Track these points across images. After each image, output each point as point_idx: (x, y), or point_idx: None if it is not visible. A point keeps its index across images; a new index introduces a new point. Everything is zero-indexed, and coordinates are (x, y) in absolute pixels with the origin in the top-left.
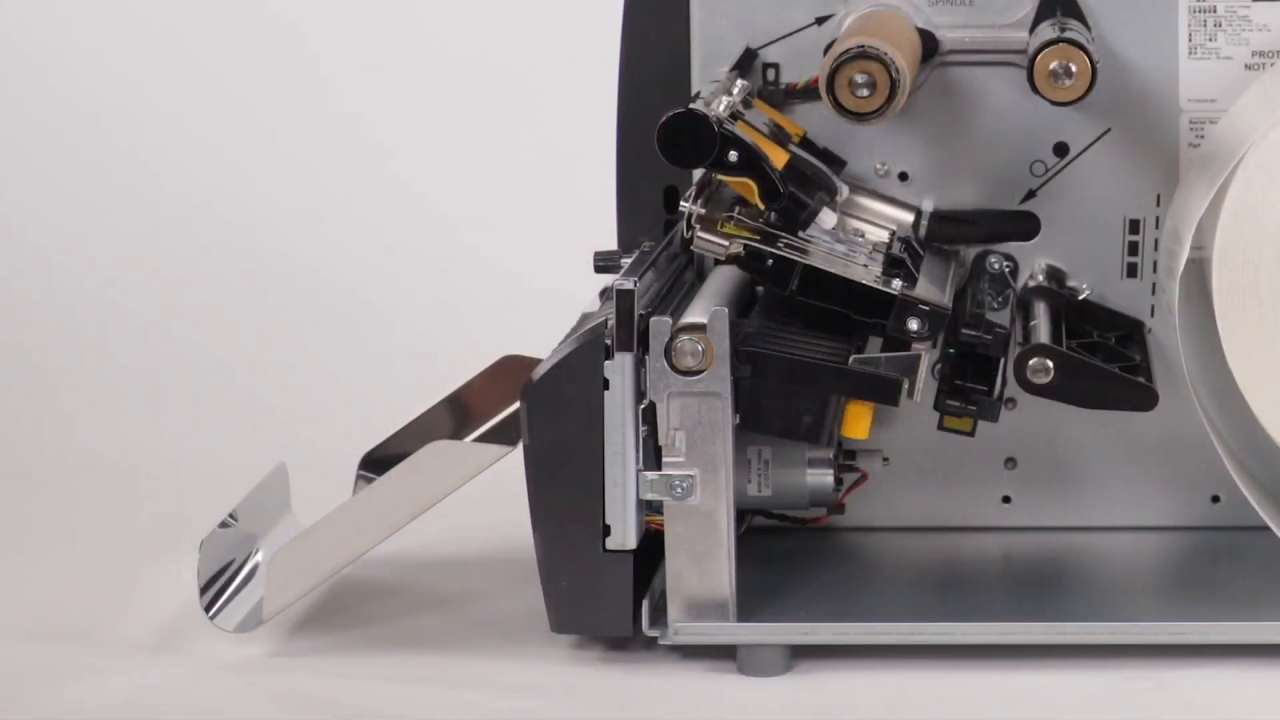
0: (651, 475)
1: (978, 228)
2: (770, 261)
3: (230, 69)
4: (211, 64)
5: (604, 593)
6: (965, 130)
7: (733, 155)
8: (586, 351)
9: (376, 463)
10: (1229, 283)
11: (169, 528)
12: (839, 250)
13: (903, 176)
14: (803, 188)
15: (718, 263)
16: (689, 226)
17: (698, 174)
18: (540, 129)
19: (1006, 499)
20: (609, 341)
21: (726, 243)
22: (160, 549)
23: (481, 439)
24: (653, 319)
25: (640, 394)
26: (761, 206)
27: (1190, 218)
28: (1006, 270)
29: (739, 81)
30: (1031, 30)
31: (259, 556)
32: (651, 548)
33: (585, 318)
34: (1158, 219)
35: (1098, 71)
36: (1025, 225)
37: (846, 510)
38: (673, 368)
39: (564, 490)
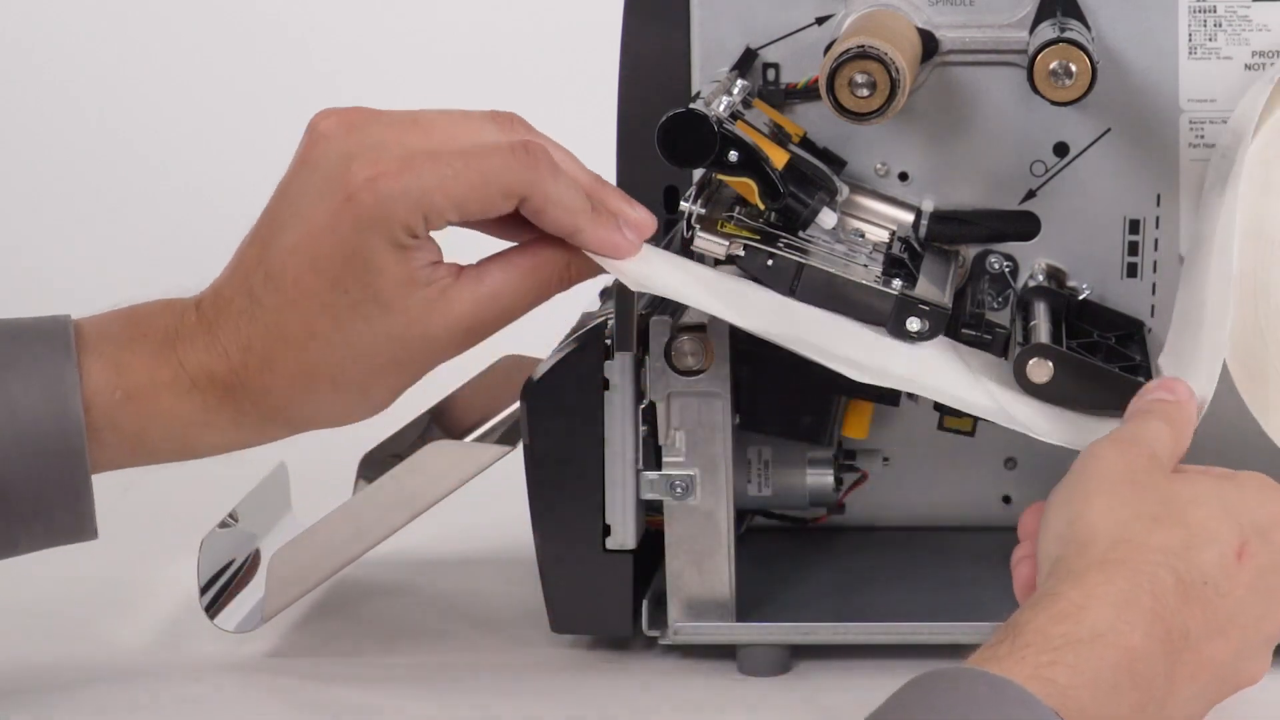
0: (651, 475)
1: (978, 228)
2: (770, 261)
3: (231, 67)
4: (212, 61)
5: (604, 593)
6: (965, 130)
7: (733, 155)
8: (586, 351)
9: (376, 463)
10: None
11: (169, 528)
12: (839, 250)
13: (903, 176)
14: (803, 188)
15: (718, 263)
16: (689, 226)
17: (698, 174)
18: (539, 129)
19: (1006, 499)
20: (609, 341)
21: (726, 243)
22: (160, 549)
23: (481, 439)
24: (653, 319)
25: (640, 394)
26: (761, 206)
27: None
28: (1006, 270)
29: (739, 81)
30: (1031, 30)
31: (259, 556)
32: (651, 548)
33: (585, 318)
34: (1158, 219)
35: (1098, 71)
36: (1025, 225)
37: (846, 510)
38: (673, 368)
39: (564, 490)
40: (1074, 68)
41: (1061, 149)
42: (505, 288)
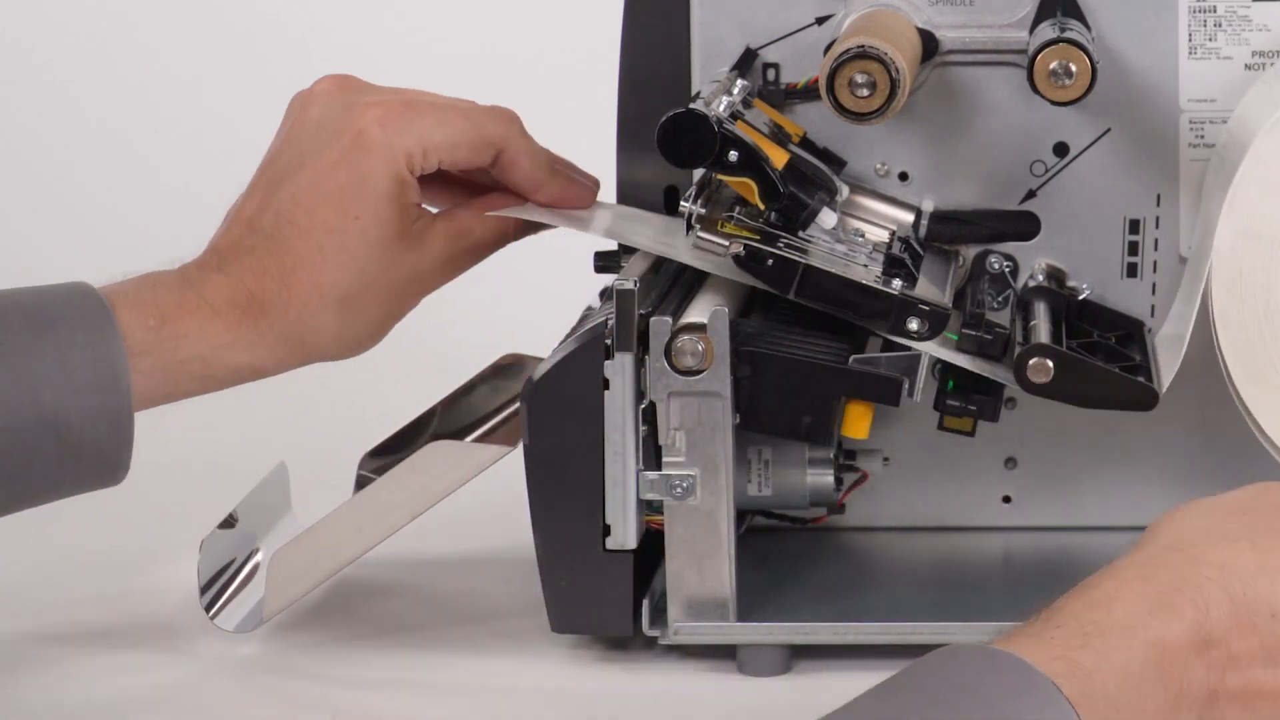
0: (651, 475)
1: (978, 228)
2: (770, 261)
3: (231, 67)
4: (212, 61)
5: (604, 593)
6: (965, 130)
7: (733, 155)
8: (586, 351)
9: (376, 463)
10: (1226, 296)
11: (169, 528)
12: (839, 250)
13: (903, 176)
14: (803, 188)
15: None
16: (689, 226)
17: (698, 174)
18: (539, 129)
19: (1006, 499)
20: (609, 341)
21: (726, 243)
22: (160, 549)
23: (481, 439)
24: (653, 319)
25: (640, 394)
26: (761, 206)
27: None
28: (1006, 270)
29: (739, 81)
30: (1031, 30)
31: (259, 556)
32: (651, 548)
33: (585, 317)
34: (1158, 219)
35: (1098, 71)
36: (1025, 225)
37: (846, 510)
38: (673, 368)
39: (564, 490)
40: (1074, 68)
41: (1061, 149)
42: (472, 226)
